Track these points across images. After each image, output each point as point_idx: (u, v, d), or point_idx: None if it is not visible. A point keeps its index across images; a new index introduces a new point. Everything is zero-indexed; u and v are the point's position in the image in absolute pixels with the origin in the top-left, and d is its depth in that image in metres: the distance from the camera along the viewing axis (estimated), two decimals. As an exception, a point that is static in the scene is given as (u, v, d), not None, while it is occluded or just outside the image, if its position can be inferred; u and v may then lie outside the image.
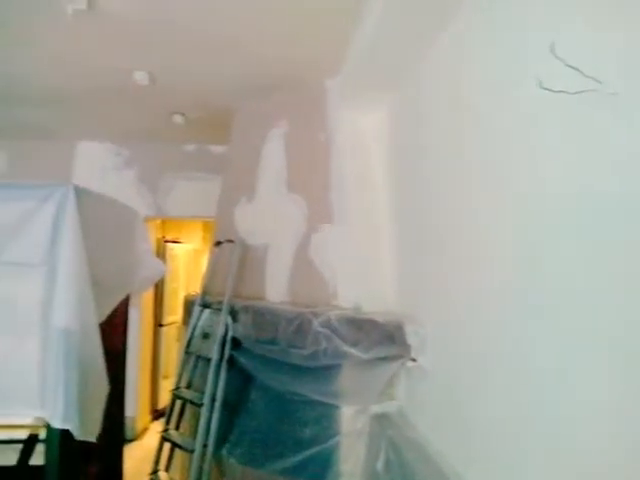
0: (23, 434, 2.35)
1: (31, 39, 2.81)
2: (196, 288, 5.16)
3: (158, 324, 5.41)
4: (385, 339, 2.59)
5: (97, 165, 4.97)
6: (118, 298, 2.45)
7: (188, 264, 6.43)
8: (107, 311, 2.26)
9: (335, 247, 3.10)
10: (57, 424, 1.86)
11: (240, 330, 3.05)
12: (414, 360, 2.46)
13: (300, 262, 3.21)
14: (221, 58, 3.05)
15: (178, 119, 4.12)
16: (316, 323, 2.73)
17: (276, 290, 3.30)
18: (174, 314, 5.63)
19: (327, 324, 2.69)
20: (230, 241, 3.41)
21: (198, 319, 3.28)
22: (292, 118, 3.49)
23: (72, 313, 1.84)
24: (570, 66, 1.24)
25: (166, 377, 5.53)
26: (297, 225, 3.26)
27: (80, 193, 1.95)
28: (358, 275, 3.04)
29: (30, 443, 2.44)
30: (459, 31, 2.07)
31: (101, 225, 2.17)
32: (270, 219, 3.46)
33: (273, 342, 2.85)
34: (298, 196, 3.30)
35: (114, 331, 2.50)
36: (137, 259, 2.63)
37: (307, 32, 2.69)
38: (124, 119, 4.33)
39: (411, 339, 2.50)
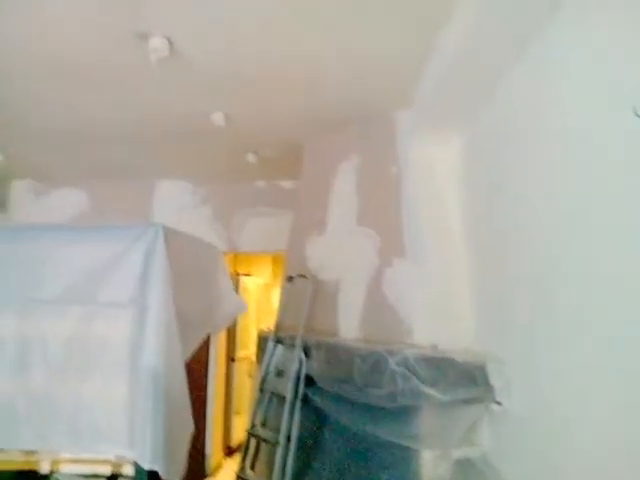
0: (106, 470, 2.39)
1: (115, 85, 2.98)
2: (267, 322, 5.19)
3: (231, 359, 5.46)
4: (465, 379, 2.47)
5: (174, 203, 5.16)
6: (202, 336, 2.48)
7: (259, 298, 6.49)
8: (192, 350, 2.28)
9: (409, 282, 3.02)
10: (145, 465, 1.88)
11: (314, 367, 3.01)
12: (499, 403, 2.32)
13: (373, 297, 3.15)
14: (294, 96, 3.11)
15: (251, 157, 4.23)
16: (392, 362, 2.65)
17: (349, 326, 3.24)
18: (246, 348, 5.67)
19: (404, 363, 2.60)
20: (302, 276, 3.41)
21: (272, 355, 3.27)
22: (362, 151, 3.48)
23: (161, 353, 1.87)
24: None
25: (238, 413, 5.53)
26: (369, 259, 3.21)
27: (167, 232, 2.00)
28: (434, 311, 2.94)
29: (114, 480, 2.48)
30: (541, 57, 2.00)
31: (186, 263, 2.22)
32: (341, 253, 3.43)
33: (347, 380, 2.78)
34: (370, 229, 3.26)
35: (196, 369, 2.52)
36: (219, 295, 2.66)
37: (378, 67, 2.70)
38: (200, 159, 4.49)
39: (494, 380, 2.37)
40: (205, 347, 2.93)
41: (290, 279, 3.50)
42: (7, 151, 4.38)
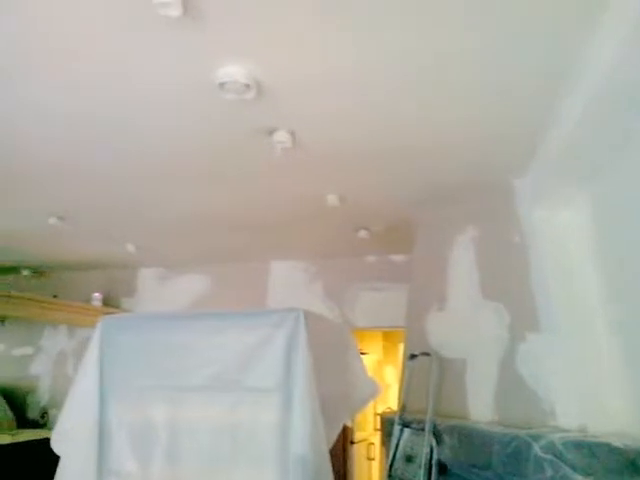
0: None
1: (239, 176, 3.19)
2: (385, 402, 5.02)
3: (350, 442, 5.30)
4: (626, 468, 2.19)
5: (288, 281, 5.31)
6: (343, 421, 2.42)
7: (373, 376, 6.34)
8: (334, 436, 2.23)
9: (546, 358, 2.80)
10: None
11: (446, 453, 2.83)
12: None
13: (506, 376, 2.94)
14: (406, 171, 3.14)
15: (363, 234, 4.27)
16: (536, 447, 2.43)
17: (481, 408, 3.03)
18: (363, 430, 5.50)
19: (550, 449, 2.37)
20: (425, 354, 3.28)
21: (399, 439, 3.12)
22: (480, 222, 3.39)
23: (308, 440, 1.84)
24: None
25: (358, 498, 5.29)
26: (498, 335, 3.03)
27: (306, 316, 2.02)
28: (578, 389, 2.68)
29: None
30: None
31: (323, 345, 2.22)
32: (466, 329, 3.28)
33: (485, 468, 2.58)
34: (496, 303, 3.10)
35: (335, 456, 2.44)
36: (354, 378, 2.61)
37: (497, 136, 2.66)
38: (312, 237, 4.62)
39: (664, 470, 2.07)
40: (342, 433, 2.84)
41: (413, 357, 3.38)
42: (138, 242, 4.79)
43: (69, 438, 2.25)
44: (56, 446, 2.30)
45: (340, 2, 1.68)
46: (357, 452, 5.42)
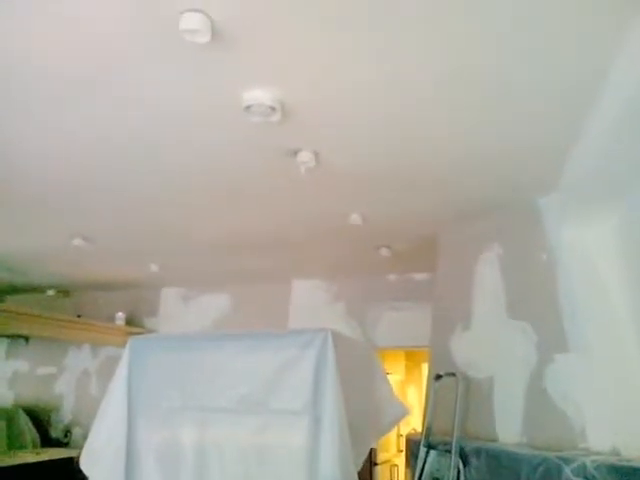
0: None
1: (262, 196, 3.22)
2: (408, 423, 4.95)
3: (373, 463, 5.23)
4: (664, 493, 2.12)
5: (309, 301, 5.30)
6: (371, 443, 2.39)
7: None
8: (363, 457, 2.20)
9: (576, 378, 2.74)
10: None
11: (473, 475, 2.78)
12: None
13: (534, 397, 2.88)
14: (431, 191, 3.14)
15: (385, 252, 4.26)
16: (567, 470, 2.38)
17: (508, 429, 2.96)
18: (386, 451, 5.42)
19: (582, 472, 2.32)
20: (451, 374, 3.23)
21: (424, 462, 3.06)
22: (505, 240, 3.35)
23: (337, 462, 1.82)
24: None
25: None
26: (525, 355, 2.98)
27: (333, 336, 2.01)
28: (610, 411, 2.61)
29: None
30: None
31: (351, 366, 2.20)
32: (492, 348, 3.23)
33: (514, 491, 2.51)
34: (523, 322, 3.05)
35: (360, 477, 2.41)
36: (381, 399, 2.58)
37: (522, 154, 2.65)
38: (333, 256, 4.61)
39: None
40: (369, 455, 2.80)
41: (438, 377, 3.33)
42: (161, 262, 4.83)
43: (97, 458, 2.26)
44: (85, 466, 2.31)
45: (359, 21, 1.69)
46: (380, 474, 5.34)
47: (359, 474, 1.99)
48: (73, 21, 1.70)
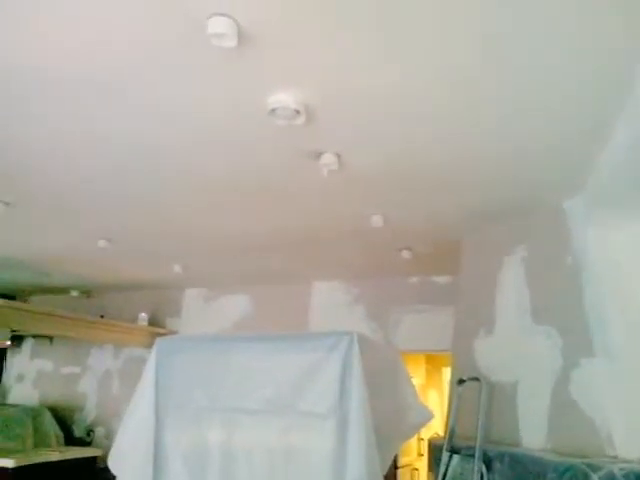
0: None
1: (285, 198, 3.23)
2: (429, 427, 4.90)
3: (394, 467, 5.19)
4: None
5: (330, 303, 5.29)
6: (396, 447, 2.38)
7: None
8: (388, 462, 2.19)
9: (602, 384, 2.69)
10: None
11: (497, 480, 2.73)
12: None
13: (560, 402, 2.84)
14: (454, 193, 3.11)
15: (406, 254, 4.24)
16: (595, 478, 2.34)
17: (533, 434, 2.93)
18: (407, 455, 5.38)
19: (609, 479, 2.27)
20: (474, 379, 3.20)
21: (447, 467, 3.04)
22: (530, 242, 3.31)
23: (363, 466, 1.82)
24: None
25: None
26: (550, 360, 2.94)
27: (359, 339, 2.01)
28: (638, 417, 2.56)
29: None
30: None
31: (376, 369, 2.19)
32: (516, 353, 3.19)
33: (540, 497, 2.48)
34: (548, 326, 3.01)
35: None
36: (405, 402, 2.56)
37: (549, 158, 2.62)
38: (354, 258, 4.60)
39: None
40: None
41: (461, 382, 3.30)
42: (184, 263, 4.87)
43: (125, 459, 2.28)
44: (113, 466, 2.34)
45: (384, 22, 1.69)
46: (401, 477, 5.31)
47: (384, 477, 1.99)
48: (102, 23, 1.72)
